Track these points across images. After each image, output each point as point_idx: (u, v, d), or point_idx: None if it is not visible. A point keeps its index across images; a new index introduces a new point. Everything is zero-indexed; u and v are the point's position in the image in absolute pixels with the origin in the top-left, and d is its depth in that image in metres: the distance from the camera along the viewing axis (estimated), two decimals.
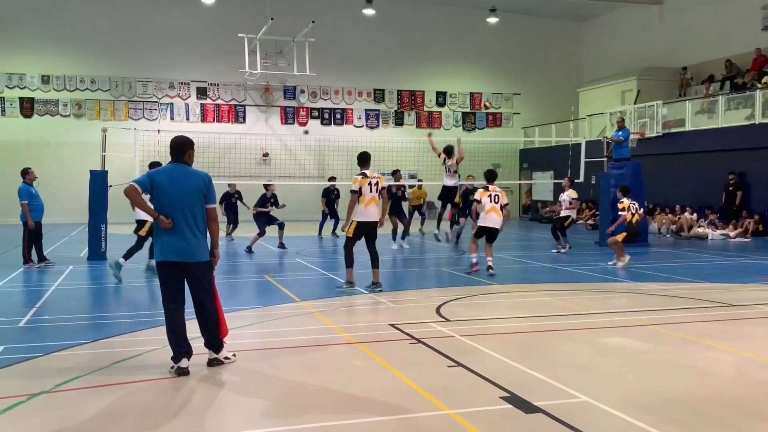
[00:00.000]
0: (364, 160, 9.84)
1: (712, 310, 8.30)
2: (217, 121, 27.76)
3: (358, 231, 9.62)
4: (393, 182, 16.89)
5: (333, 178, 20.41)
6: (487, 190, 11.44)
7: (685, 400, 4.81)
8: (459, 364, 5.70)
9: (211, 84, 27.81)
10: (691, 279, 10.99)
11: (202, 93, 27.77)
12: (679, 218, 20.15)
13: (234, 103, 28.14)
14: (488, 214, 11.31)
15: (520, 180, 29.90)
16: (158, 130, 17.32)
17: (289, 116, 28.85)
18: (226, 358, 5.83)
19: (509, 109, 31.61)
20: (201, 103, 27.76)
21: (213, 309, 5.78)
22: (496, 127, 31.27)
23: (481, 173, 12.79)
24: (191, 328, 5.73)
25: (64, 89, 26.24)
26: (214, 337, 5.78)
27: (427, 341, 6.53)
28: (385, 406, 4.74)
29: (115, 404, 4.81)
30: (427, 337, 6.72)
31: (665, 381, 5.30)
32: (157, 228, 5.69)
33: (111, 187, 14.26)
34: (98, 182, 14.41)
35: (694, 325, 7.38)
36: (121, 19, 26.55)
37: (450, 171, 15.13)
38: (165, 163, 6.05)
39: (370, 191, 9.58)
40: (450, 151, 15.19)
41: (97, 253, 13.78)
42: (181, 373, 5.45)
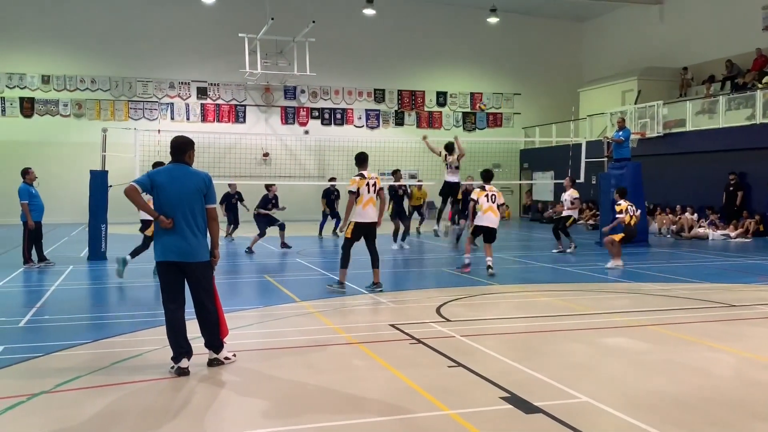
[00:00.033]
0: (361, 161, 9.82)
1: (713, 310, 8.30)
2: (218, 121, 27.74)
3: (357, 232, 9.61)
4: (394, 182, 16.88)
5: (333, 179, 20.40)
6: (484, 189, 11.47)
7: (686, 401, 4.81)
8: (459, 365, 5.70)
9: (212, 84, 27.80)
10: (692, 279, 10.99)
11: (202, 93, 27.76)
12: (679, 218, 20.14)
13: (234, 103, 28.13)
14: (485, 214, 11.34)
15: (520, 180, 29.92)
16: (158, 130, 17.35)
17: (290, 116, 28.83)
18: (227, 358, 5.83)
19: (510, 109, 31.59)
20: (201, 103, 27.74)
21: (213, 309, 5.79)
22: (497, 127, 31.26)
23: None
24: (191, 328, 5.73)
25: (65, 89, 26.22)
26: (215, 337, 5.79)
27: (428, 341, 6.53)
28: (385, 406, 4.74)
29: (115, 404, 4.81)
30: (428, 337, 6.72)
31: (666, 381, 5.29)
32: (157, 228, 5.70)
33: (111, 187, 14.26)
34: (98, 182, 14.41)
35: (695, 326, 7.38)
36: (121, 19, 26.53)
37: (451, 167, 15.08)
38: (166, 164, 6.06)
39: (368, 192, 9.57)
40: (450, 148, 15.16)
41: (97, 253, 13.79)
42: (181, 373, 5.45)
